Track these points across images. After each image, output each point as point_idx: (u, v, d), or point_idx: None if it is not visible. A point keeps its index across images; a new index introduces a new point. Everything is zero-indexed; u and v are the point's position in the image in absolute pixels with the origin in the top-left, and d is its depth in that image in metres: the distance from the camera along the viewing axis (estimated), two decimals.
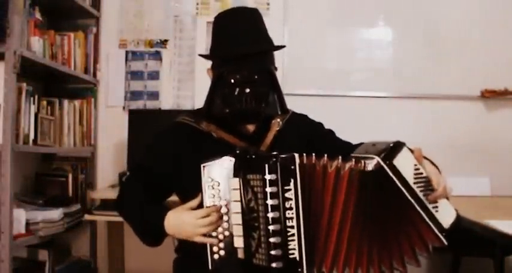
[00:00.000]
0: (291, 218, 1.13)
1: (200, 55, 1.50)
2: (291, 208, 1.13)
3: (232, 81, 1.33)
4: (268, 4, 2.84)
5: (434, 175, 1.26)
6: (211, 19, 2.97)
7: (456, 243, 2.52)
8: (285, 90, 3.02)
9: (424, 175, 1.24)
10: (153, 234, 1.34)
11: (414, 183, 1.22)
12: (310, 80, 2.83)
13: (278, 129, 1.43)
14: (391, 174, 1.18)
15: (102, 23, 2.88)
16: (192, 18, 2.87)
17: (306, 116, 1.56)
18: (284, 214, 1.12)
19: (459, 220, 1.32)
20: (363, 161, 1.19)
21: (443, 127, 2.82)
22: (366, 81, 2.84)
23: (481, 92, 2.79)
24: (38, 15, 2.26)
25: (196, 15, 2.86)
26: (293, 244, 1.13)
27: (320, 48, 2.85)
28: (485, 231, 1.70)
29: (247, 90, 1.32)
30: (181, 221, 1.25)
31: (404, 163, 1.21)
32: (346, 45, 2.85)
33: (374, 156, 1.19)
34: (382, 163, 1.18)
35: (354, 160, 1.20)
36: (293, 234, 1.13)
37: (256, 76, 1.33)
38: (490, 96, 2.78)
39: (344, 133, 2.75)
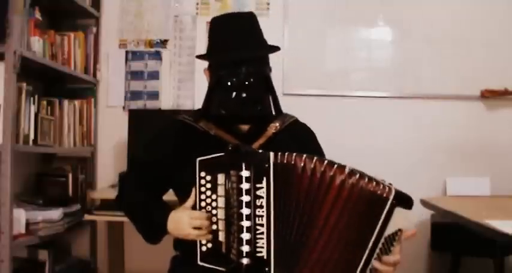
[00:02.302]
0: (261, 216, 1.15)
1: (197, 56, 1.52)
2: (261, 206, 1.15)
3: (229, 83, 1.37)
4: (268, 4, 2.84)
5: (398, 254, 1.18)
6: None
7: (456, 243, 2.55)
8: (285, 90, 3.04)
9: (394, 244, 1.16)
10: (156, 232, 1.38)
11: (384, 238, 1.13)
12: (310, 80, 2.83)
13: (274, 132, 1.45)
14: (385, 211, 1.11)
15: (102, 23, 2.88)
16: (192, 18, 2.87)
17: (307, 126, 1.58)
18: (254, 212, 1.14)
19: None
20: (382, 185, 1.12)
21: (443, 127, 2.82)
22: (366, 81, 2.84)
23: (481, 92, 2.79)
24: (38, 15, 2.26)
25: (196, 15, 2.86)
26: (261, 242, 1.15)
27: (320, 48, 2.85)
28: (485, 231, 1.70)
29: (244, 94, 1.36)
30: (178, 221, 1.29)
31: (397, 217, 1.12)
32: (346, 45, 2.85)
33: (392, 188, 1.12)
34: (392, 196, 1.11)
35: (373, 180, 1.13)
36: (262, 233, 1.14)
37: (252, 80, 1.37)
38: (490, 96, 2.78)
39: (344, 133, 2.78)
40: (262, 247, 1.14)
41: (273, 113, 1.45)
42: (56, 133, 2.47)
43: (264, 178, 1.15)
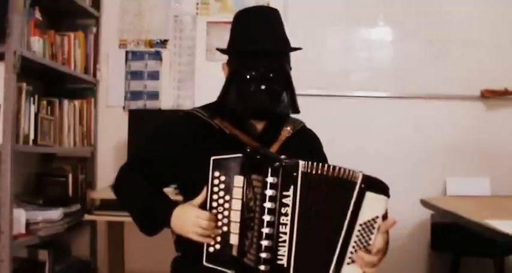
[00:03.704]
0: (285, 224, 1.13)
1: (217, 49, 1.51)
2: (286, 214, 1.13)
3: (248, 76, 1.35)
4: (268, 4, 2.83)
5: (380, 244, 1.16)
6: (211, 19, 2.98)
7: (456, 243, 2.55)
8: None
9: (373, 232, 1.15)
10: (157, 226, 1.35)
11: (360, 225, 1.14)
12: (310, 80, 2.83)
13: (288, 135, 1.44)
14: (354, 195, 1.13)
15: (102, 23, 2.88)
16: (192, 18, 2.87)
17: (313, 132, 1.58)
18: (278, 219, 1.13)
19: None
20: (350, 171, 1.15)
21: (444, 127, 2.82)
22: (366, 81, 2.84)
23: (481, 92, 2.79)
24: (38, 15, 2.26)
25: (196, 15, 2.86)
26: (283, 250, 1.13)
27: (320, 48, 2.85)
28: (485, 231, 1.70)
29: (263, 87, 1.34)
30: (184, 217, 1.26)
31: (372, 204, 1.14)
32: (346, 45, 2.85)
33: (359, 173, 1.14)
34: (360, 180, 1.13)
35: (340, 168, 1.15)
36: (284, 241, 1.13)
37: (271, 74, 1.35)
38: (490, 96, 2.78)
39: (344, 133, 2.78)
40: (283, 255, 1.13)
41: (290, 112, 1.43)
42: (56, 133, 2.47)
43: (292, 186, 1.13)
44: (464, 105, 2.82)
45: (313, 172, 1.14)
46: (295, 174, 1.14)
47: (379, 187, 1.15)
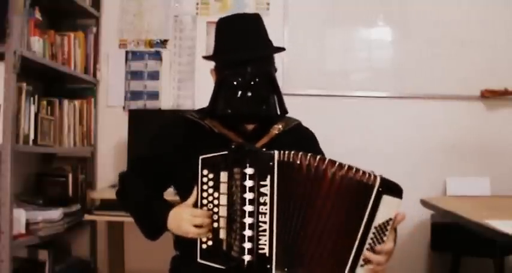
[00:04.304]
0: (264, 214, 1.17)
1: (204, 57, 1.55)
2: (264, 204, 1.17)
3: (235, 83, 1.38)
4: (268, 4, 2.84)
5: (391, 242, 1.20)
6: (211, 19, 2.98)
7: (456, 243, 2.55)
8: (285, 90, 3.03)
9: (386, 233, 1.17)
10: (156, 229, 1.39)
11: (375, 227, 1.15)
12: (310, 80, 2.83)
13: (277, 132, 1.47)
14: (372, 198, 1.14)
15: (102, 23, 2.88)
16: (192, 18, 2.87)
17: (309, 130, 1.60)
18: (258, 209, 1.16)
19: None
20: (368, 174, 1.16)
21: (443, 127, 2.82)
22: (366, 81, 2.84)
23: (481, 92, 2.79)
24: (38, 15, 2.26)
25: (196, 15, 2.86)
26: (264, 239, 1.16)
27: (320, 48, 2.85)
28: (485, 231, 1.70)
29: (249, 94, 1.37)
30: (180, 218, 1.29)
31: (387, 206, 1.15)
32: (346, 45, 2.85)
33: (377, 175, 1.15)
34: (377, 184, 1.14)
35: (357, 169, 1.17)
36: (264, 230, 1.16)
37: (257, 79, 1.38)
38: (490, 96, 2.78)
39: (344, 133, 2.78)
40: (265, 244, 1.16)
41: (278, 113, 1.46)
42: (56, 133, 2.47)
43: (268, 176, 1.17)
44: (464, 105, 2.82)
45: (289, 161, 1.17)
46: (271, 164, 1.17)
47: (395, 190, 1.16)
